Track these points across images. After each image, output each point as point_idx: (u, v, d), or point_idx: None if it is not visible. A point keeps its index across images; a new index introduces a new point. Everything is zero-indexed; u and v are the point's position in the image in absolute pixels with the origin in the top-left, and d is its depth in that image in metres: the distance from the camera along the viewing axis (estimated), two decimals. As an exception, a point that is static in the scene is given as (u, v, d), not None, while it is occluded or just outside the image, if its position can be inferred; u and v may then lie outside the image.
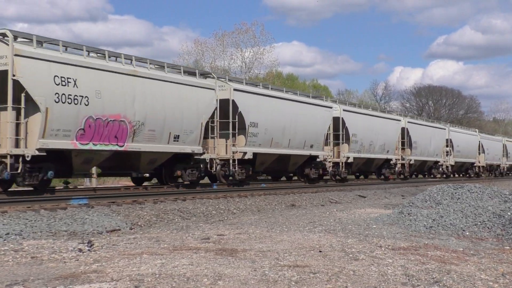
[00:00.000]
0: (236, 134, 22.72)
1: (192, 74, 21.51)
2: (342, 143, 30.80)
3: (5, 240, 10.35)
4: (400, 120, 37.96)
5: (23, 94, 14.99)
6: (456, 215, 12.99)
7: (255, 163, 24.41)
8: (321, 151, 28.83)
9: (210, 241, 10.35)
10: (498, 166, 59.57)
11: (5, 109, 14.96)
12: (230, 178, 23.18)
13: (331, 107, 29.90)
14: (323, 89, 75.54)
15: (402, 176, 38.02)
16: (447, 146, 45.67)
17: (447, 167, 45.63)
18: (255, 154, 23.79)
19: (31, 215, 12.53)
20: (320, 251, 9.11)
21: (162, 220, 14.41)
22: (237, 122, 22.53)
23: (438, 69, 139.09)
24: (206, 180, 24.52)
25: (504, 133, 78.93)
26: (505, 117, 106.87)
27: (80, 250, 9.19)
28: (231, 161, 22.58)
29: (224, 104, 22.14)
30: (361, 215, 15.64)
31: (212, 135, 21.81)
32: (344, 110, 30.54)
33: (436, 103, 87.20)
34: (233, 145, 22.61)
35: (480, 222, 12.34)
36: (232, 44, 54.19)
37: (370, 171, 37.42)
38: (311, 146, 27.96)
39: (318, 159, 28.72)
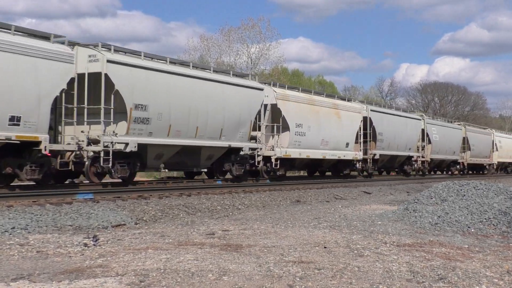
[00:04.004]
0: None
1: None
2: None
3: (10, 234, 10.39)
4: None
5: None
6: (461, 212, 12.97)
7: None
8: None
9: (215, 236, 10.36)
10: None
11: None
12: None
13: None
14: (329, 85, 75.45)
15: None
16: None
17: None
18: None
19: (36, 209, 12.56)
20: (325, 247, 9.11)
21: (167, 215, 14.43)
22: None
23: (444, 66, 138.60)
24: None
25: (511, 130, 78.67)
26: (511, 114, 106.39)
27: (85, 244, 9.21)
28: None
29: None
30: (366, 212, 15.62)
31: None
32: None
33: (442, 99, 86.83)
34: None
35: (485, 219, 12.31)
36: (238, 39, 54.09)
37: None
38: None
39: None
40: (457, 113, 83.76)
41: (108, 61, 17.34)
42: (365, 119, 31.54)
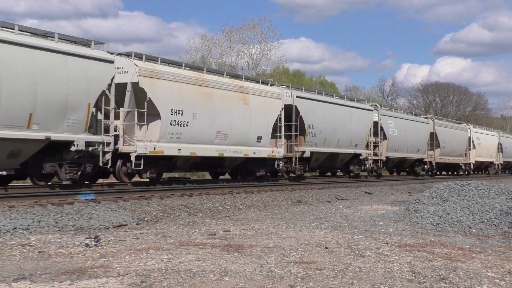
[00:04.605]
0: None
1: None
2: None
3: (12, 234, 10.40)
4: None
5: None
6: (462, 212, 12.96)
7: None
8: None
9: (217, 237, 10.37)
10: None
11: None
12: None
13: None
14: (329, 86, 75.41)
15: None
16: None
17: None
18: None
19: (38, 210, 12.57)
20: (326, 248, 9.11)
21: (169, 215, 14.43)
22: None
23: (445, 66, 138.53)
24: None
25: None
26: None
27: (86, 245, 9.22)
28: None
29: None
30: (368, 212, 15.62)
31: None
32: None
33: (443, 100, 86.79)
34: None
35: (487, 219, 12.30)
36: (240, 40, 54.11)
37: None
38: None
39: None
40: (458, 113, 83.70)
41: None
42: (289, 107, 25.41)
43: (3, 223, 10.93)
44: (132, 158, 18.01)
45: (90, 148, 16.59)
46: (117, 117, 17.90)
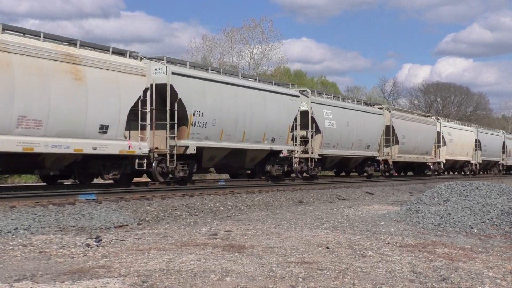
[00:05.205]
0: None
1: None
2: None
3: (13, 235, 10.40)
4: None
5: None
6: (464, 212, 12.95)
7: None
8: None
9: (218, 237, 10.37)
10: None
11: None
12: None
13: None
14: (331, 86, 75.39)
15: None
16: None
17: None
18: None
19: (39, 210, 12.58)
20: (327, 248, 9.11)
21: (170, 216, 14.44)
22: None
23: (446, 66, 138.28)
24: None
25: None
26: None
27: (88, 245, 9.22)
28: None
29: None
30: (369, 212, 15.62)
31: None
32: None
33: (445, 100, 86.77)
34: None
35: (488, 219, 12.29)
36: (241, 40, 54.09)
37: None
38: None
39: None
40: (460, 113, 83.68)
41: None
42: (161, 88, 18.99)
43: (5, 223, 10.94)
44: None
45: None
46: None
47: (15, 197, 14.24)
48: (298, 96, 26.25)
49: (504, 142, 54.97)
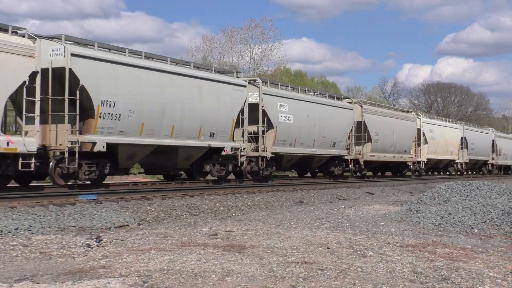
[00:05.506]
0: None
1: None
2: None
3: (14, 235, 10.41)
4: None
5: None
6: (464, 212, 12.95)
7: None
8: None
9: (218, 237, 10.37)
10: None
11: None
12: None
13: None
14: (331, 86, 75.43)
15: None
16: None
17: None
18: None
19: (39, 210, 12.58)
20: (328, 248, 9.11)
21: (170, 216, 14.44)
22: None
23: (447, 66, 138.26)
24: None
25: None
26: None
27: (88, 245, 9.22)
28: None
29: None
30: (369, 212, 15.62)
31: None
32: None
33: (445, 100, 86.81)
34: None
35: (488, 219, 12.29)
36: (241, 40, 54.08)
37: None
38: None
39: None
40: (460, 113, 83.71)
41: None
42: (60, 72, 15.81)
43: (5, 223, 10.95)
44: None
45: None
46: None
47: (16, 197, 14.23)
48: (245, 86, 22.72)
49: (494, 140, 51.83)
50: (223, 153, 21.51)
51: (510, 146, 56.45)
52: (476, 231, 11.73)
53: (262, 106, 23.49)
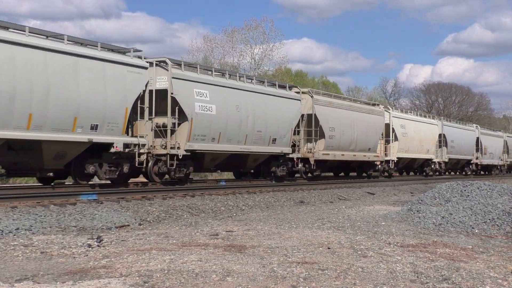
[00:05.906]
0: None
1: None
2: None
3: (15, 235, 10.41)
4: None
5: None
6: (465, 212, 12.95)
7: None
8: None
9: (219, 237, 10.37)
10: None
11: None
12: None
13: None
14: (332, 86, 75.42)
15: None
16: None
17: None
18: None
19: (40, 210, 12.59)
20: (328, 248, 9.11)
21: (171, 216, 14.44)
22: None
23: (447, 66, 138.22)
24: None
25: None
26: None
27: (89, 245, 9.22)
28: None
29: None
30: (370, 212, 15.62)
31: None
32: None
33: (446, 100, 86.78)
34: None
35: (489, 219, 12.29)
36: (242, 40, 54.06)
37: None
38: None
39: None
40: (461, 113, 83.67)
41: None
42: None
43: (6, 223, 10.96)
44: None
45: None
46: None
47: (16, 197, 14.25)
48: (145, 68, 18.33)
49: (478, 138, 48.12)
50: (112, 150, 17.21)
51: (497, 144, 52.95)
52: (476, 231, 11.73)
53: (172, 93, 19.21)
